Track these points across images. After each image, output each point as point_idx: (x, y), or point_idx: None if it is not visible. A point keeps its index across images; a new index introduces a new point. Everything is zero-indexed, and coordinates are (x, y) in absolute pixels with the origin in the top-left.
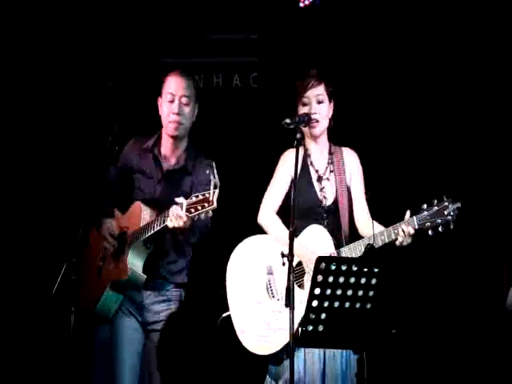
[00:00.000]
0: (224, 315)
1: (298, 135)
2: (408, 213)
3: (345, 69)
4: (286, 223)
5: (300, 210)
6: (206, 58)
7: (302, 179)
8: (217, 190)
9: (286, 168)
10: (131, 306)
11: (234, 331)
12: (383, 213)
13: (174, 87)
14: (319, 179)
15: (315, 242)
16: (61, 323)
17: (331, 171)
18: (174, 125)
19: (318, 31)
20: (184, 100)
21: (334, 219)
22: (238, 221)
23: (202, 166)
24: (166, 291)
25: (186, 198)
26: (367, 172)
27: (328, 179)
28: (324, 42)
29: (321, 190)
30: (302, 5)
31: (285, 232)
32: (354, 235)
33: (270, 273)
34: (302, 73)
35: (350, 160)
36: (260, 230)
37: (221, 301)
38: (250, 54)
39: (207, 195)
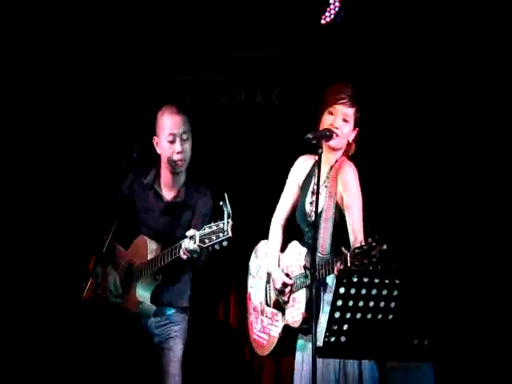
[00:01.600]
0: None
1: (320, 150)
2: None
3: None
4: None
5: (295, 220)
6: (228, 75)
7: (304, 190)
8: (230, 220)
9: (293, 177)
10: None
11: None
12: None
13: (174, 127)
14: (312, 192)
15: (292, 258)
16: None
17: (326, 186)
18: (178, 163)
19: (340, 48)
20: (184, 137)
21: (315, 234)
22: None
23: (201, 197)
24: (169, 315)
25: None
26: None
27: (320, 193)
28: (346, 59)
29: (311, 203)
30: (323, 22)
31: (274, 246)
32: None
33: (268, 280)
34: (339, 81)
35: (345, 177)
36: None
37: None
38: (272, 70)
39: (221, 225)
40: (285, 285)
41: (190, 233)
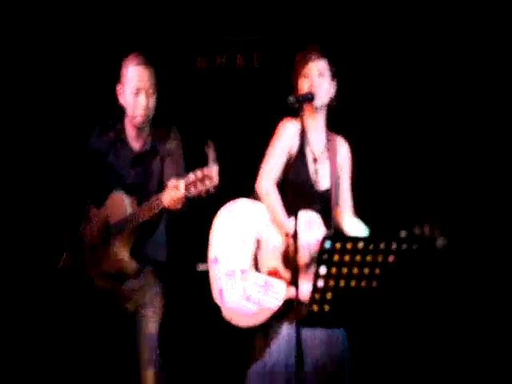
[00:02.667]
0: (201, 268)
1: (302, 113)
2: (403, 232)
3: (348, 49)
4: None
5: (293, 189)
6: (208, 38)
7: (298, 157)
8: (216, 166)
9: (283, 138)
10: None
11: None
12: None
13: (139, 80)
14: (314, 161)
15: (308, 228)
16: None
17: (327, 158)
18: (142, 118)
19: (322, 7)
20: (150, 91)
21: (324, 207)
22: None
23: (167, 140)
24: (144, 277)
25: (163, 178)
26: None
27: (322, 164)
28: (328, 19)
29: (315, 172)
30: None
31: (279, 209)
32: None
33: (259, 246)
34: (305, 47)
35: (342, 149)
36: None
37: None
38: (252, 33)
39: (207, 172)
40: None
41: (171, 182)
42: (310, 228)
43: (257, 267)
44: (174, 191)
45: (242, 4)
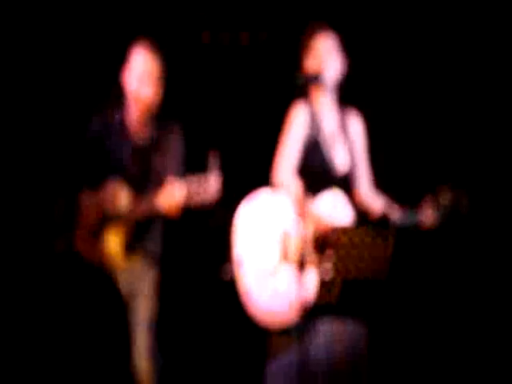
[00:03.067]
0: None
1: (311, 94)
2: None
3: (357, 24)
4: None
5: (310, 175)
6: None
7: (312, 140)
8: (218, 176)
9: (296, 124)
10: None
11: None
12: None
13: (147, 66)
14: (329, 145)
15: (334, 210)
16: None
17: (342, 138)
18: (145, 107)
19: None
20: (156, 80)
21: (345, 189)
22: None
23: (170, 137)
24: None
25: (160, 174)
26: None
27: (338, 144)
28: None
29: (331, 156)
30: None
31: (301, 196)
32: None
33: (287, 238)
34: (311, 24)
35: (354, 123)
36: None
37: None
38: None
39: (207, 182)
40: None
41: (171, 188)
42: (336, 208)
43: (287, 260)
44: (172, 197)
45: None
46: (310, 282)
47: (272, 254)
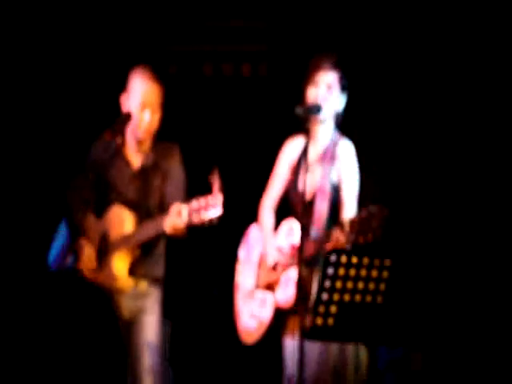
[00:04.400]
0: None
1: (308, 125)
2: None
3: (358, 59)
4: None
5: (290, 201)
6: (215, 45)
7: (295, 170)
8: (220, 195)
9: (284, 159)
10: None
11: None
12: None
13: (146, 95)
14: (306, 171)
15: (288, 235)
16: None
17: (319, 164)
18: (145, 133)
19: (328, 18)
20: (155, 107)
21: (309, 215)
22: (245, 211)
23: (170, 159)
24: (141, 289)
25: (161, 196)
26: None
27: (313, 172)
28: (335, 29)
29: (304, 182)
30: None
31: (267, 227)
32: None
33: (260, 263)
34: (318, 54)
35: (344, 154)
36: None
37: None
38: (259, 42)
39: (211, 201)
40: (276, 263)
41: (176, 207)
42: (289, 234)
43: (257, 283)
44: (177, 218)
45: (249, 13)
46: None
47: (250, 279)
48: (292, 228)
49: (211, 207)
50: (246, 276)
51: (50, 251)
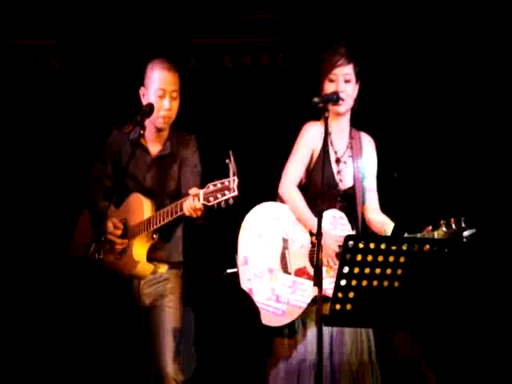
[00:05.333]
0: (229, 271)
1: (327, 114)
2: (430, 227)
3: (373, 48)
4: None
5: (315, 189)
6: (234, 38)
7: (321, 159)
8: (236, 177)
9: (306, 142)
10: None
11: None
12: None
13: (164, 83)
14: (337, 161)
15: (334, 227)
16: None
17: (350, 156)
18: (164, 119)
19: (345, 9)
20: (174, 95)
21: (349, 205)
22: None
23: (186, 147)
24: (161, 273)
25: (179, 185)
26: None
27: (345, 163)
28: (351, 20)
29: (338, 172)
30: None
31: (305, 208)
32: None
33: (286, 246)
34: (330, 46)
35: (367, 147)
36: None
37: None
38: (278, 33)
39: (227, 183)
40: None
41: (192, 191)
42: (336, 227)
43: (285, 267)
44: (194, 200)
45: (268, 5)
46: (307, 290)
47: (272, 260)
48: (335, 217)
49: (227, 189)
50: (259, 254)
51: (71, 239)
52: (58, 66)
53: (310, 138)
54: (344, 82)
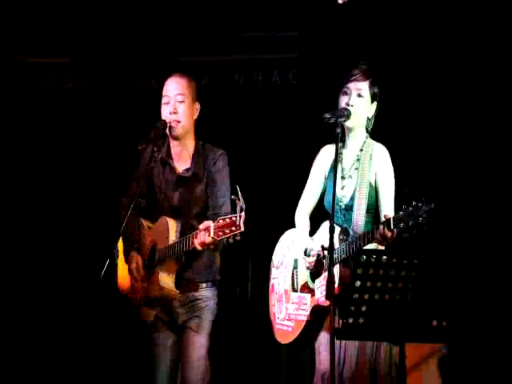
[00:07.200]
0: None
1: (338, 130)
2: (388, 215)
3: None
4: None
5: (326, 207)
6: (245, 55)
7: (331, 176)
8: (243, 214)
9: (318, 166)
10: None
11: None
12: None
13: (169, 89)
14: (343, 177)
15: (324, 236)
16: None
17: (356, 168)
18: (173, 124)
19: (357, 26)
20: (179, 98)
21: (349, 216)
22: (277, 219)
23: (213, 165)
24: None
25: (204, 207)
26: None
27: (351, 177)
28: (363, 38)
29: (342, 188)
30: (340, 1)
31: (304, 231)
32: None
33: (296, 266)
34: (351, 63)
35: (379, 157)
36: None
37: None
38: (289, 50)
39: (234, 219)
40: (318, 255)
41: (203, 225)
42: (324, 234)
43: (293, 285)
44: (205, 235)
45: (279, 22)
46: (306, 303)
47: (286, 281)
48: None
49: (233, 225)
50: (280, 280)
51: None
52: (71, 83)
53: (320, 163)
54: (357, 96)
